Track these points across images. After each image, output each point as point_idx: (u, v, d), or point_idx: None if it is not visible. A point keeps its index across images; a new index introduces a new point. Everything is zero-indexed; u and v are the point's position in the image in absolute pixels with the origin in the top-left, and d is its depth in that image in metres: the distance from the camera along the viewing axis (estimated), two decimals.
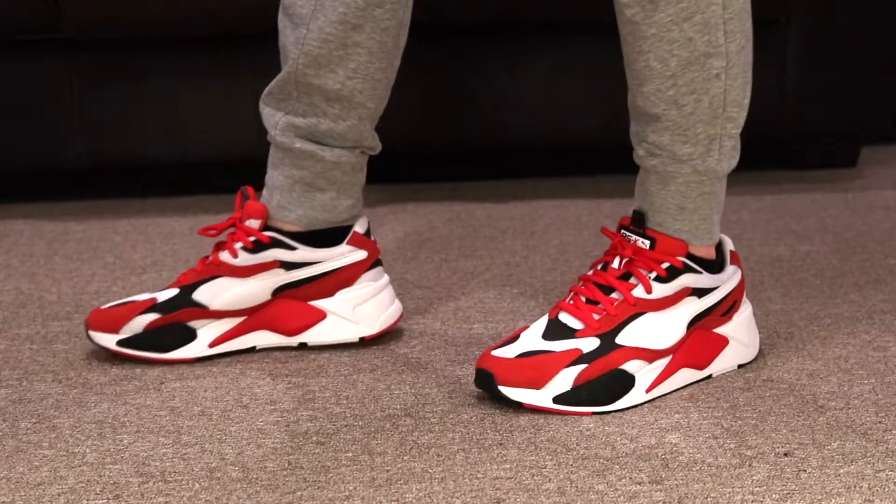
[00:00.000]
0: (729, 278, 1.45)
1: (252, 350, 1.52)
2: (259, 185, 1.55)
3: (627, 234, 1.42)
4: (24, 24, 2.11)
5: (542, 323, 1.39)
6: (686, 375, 1.41)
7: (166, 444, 1.30)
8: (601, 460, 1.25)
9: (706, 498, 1.17)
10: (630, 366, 1.37)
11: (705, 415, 1.35)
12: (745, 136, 1.46)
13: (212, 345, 1.50)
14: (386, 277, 1.56)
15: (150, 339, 1.49)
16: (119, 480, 1.22)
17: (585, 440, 1.29)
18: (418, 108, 2.21)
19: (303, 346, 1.53)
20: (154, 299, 1.50)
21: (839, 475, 1.21)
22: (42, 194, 2.23)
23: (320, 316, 1.53)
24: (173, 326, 1.49)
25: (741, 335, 1.47)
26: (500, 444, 1.29)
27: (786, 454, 1.25)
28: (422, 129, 2.24)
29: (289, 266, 1.51)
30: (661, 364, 1.39)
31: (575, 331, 1.38)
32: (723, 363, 1.45)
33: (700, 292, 1.42)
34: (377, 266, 1.55)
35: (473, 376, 1.38)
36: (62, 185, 2.26)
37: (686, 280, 1.41)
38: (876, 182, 2.26)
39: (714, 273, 1.45)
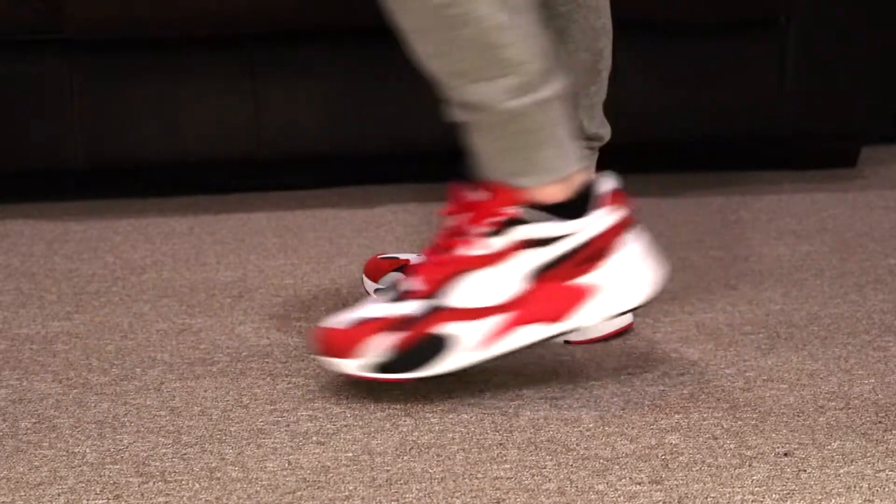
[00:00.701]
0: (590, 224, 1.36)
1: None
2: (259, 186, 1.55)
3: (465, 191, 1.38)
4: (24, 24, 2.11)
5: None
6: (533, 331, 1.36)
7: (166, 444, 1.30)
8: (601, 460, 1.25)
9: (706, 498, 1.17)
10: (446, 328, 1.35)
11: (705, 415, 1.35)
12: (746, 136, 1.45)
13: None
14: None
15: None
16: (119, 480, 1.22)
17: (585, 440, 1.29)
18: (417, 108, 2.21)
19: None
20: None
21: (839, 475, 1.21)
22: (42, 194, 2.23)
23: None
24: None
25: (615, 281, 1.36)
26: (500, 444, 1.29)
27: (786, 454, 1.25)
28: (422, 130, 2.24)
29: (540, 243, 1.37)
30: (492, 321, 1.35)
31: (407, 294, 1.36)
32: (587, 315, 1.36)
33: (542, 242, 1.36)
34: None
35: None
36: (62, 185, 2.26)
37: (520, 232, 1.35)
38: (876, 182, 2.26)
39: (568, 218, 1.36)
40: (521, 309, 1.36)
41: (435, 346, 1.36)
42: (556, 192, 1.36)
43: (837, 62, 2.26)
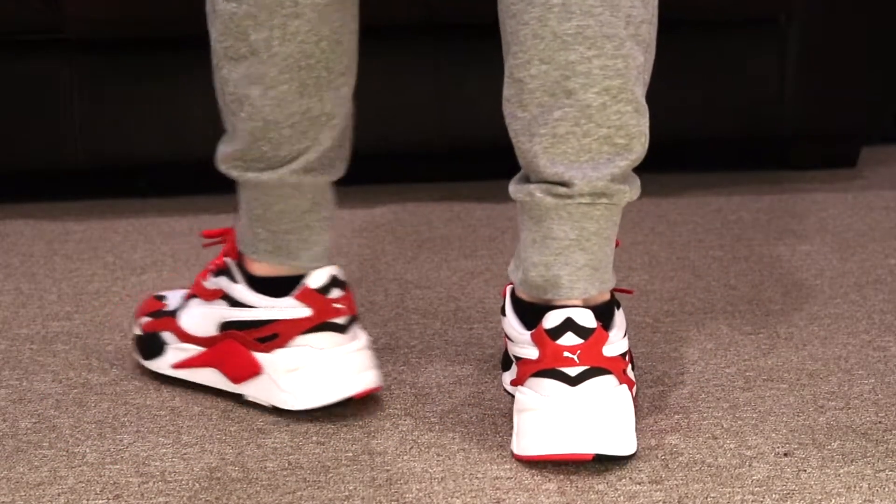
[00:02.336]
0: (274, 306, 1.34)
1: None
2: None
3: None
4: (24, 24, 2.11)
5: None
6: (215, 378, 1.39)
7: (166, 444, 1.30)
8: (601, 460, 1.24)
9: (706, 498, 1.17)
10: (165, 335, 1.44)
11: (705, 415, 1.35)
12: (746, 136, 1.45)
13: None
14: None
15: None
16: (119, 480, 1.22)
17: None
18: (418, 108, 2.21)
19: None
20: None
21: (839, 475, 1.21)
22: (42, 194, 2.23)
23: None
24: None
25: (279, 377, 1.33)
26: (500, 445, 1.29)
27: (786, 454, 1.25)
28: (422, 129, 2.24)
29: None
30: (190, 349, 1.41)
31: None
32: (256, 390, 1.36)
33: (231, 300, 1.38)
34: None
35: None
36: (62, 185, 2.26)
37: (221, 281, 1.39)
38: (876, 182, 2.26)
39: (264, 293, 1.35)
40: (212, 351, 1.40)
41: (156, 346, 1.44)
42: (259, 267, 1.37)
43: (837, 62, 2.26)
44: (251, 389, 1.37)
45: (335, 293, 1.33)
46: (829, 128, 2.32)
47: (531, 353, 1.24)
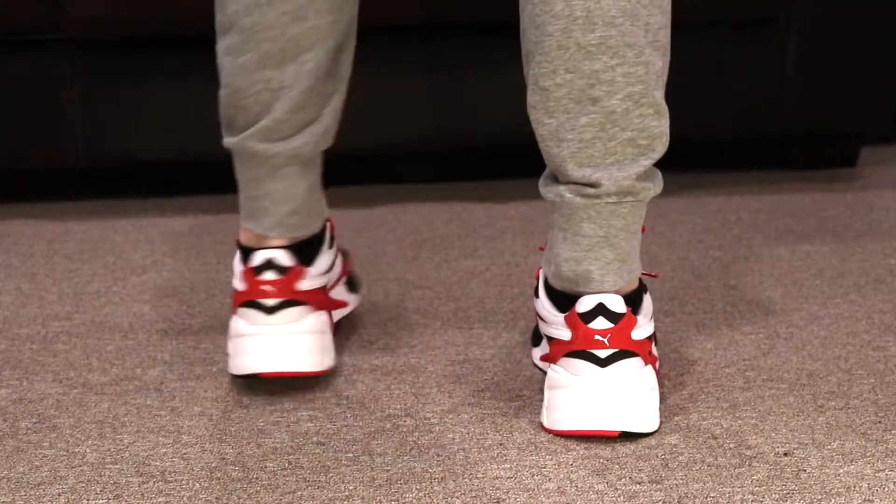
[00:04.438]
0: (235, 275, 1.45)
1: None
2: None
3: None
4: (24, 24, 2.11)
5: None
6: None
7: (166, 444, 1.30)
8: (601, 460, 1.25)
9: (706, 498, 1.17)
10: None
11: (705, 415, 1.35)
12: (746, 136, 1.46)
13: None
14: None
15: None
16: (119, 480, 1.22)
17: (585, 440, 1.29)
18: (417, 108, 2.21)
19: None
20: None
21: (839, 475, 1.21)
22: (42, 194, 2.23)
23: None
24: None
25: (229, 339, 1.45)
26: (500, 445, 1.29)
27: (786, 454, 1.25)
28: (421, 129, 2.24)
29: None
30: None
31: None
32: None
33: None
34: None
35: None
36: (62, 185, 2.26)
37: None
38: (876, 182, 2.26)
39: (241, 262, 1.45)
40: None
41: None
42: (242, 234, 1.45)
43: (837, 62, 2.26)
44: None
45: (268, 275, 1.41)
46: (829, 128, 2.32)
47: (564, 334, 1.32)
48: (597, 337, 1.30)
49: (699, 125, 2.26)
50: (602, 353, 1.30)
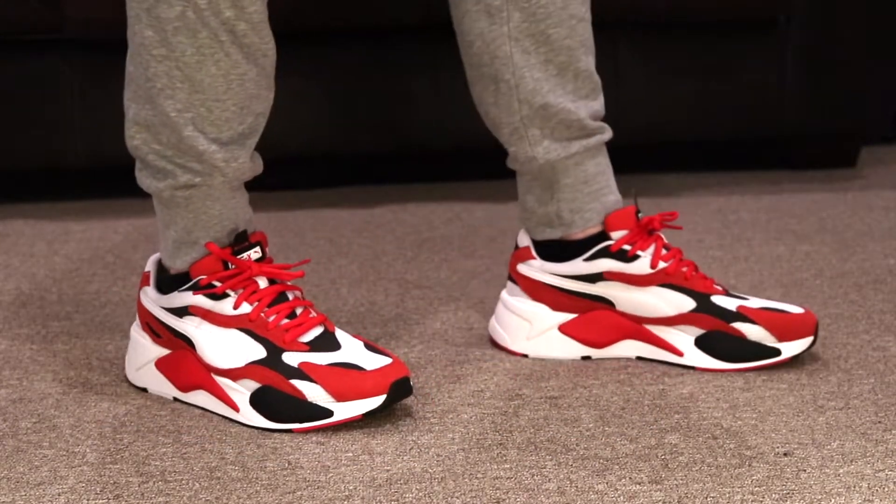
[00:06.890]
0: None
1: None
2: (259, 186, 1.54)
3: None
4: (24, 24, 2.11)
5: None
6: None
7: (166, 444, 1.30)
8: (601, 460, 1.25)
9: (706, 498, 1.17)
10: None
11: (705, 415, 1.35)
12: (746, 137, 1.45)
13: None
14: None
15: None
16: (119, 480, 1.22)
17: (585, 440, 1.29)
18: (417, 108, 2.21)
19: None
20: None
21: (839, 475, 1.21)
22: (42, 194, 2.23)
23: None
24: None
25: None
26: (500, 444, 1.29)
27: (785, 454, 1.25)
28: (421, 129, 2.24)
29: None
30: None
31: None
32: None
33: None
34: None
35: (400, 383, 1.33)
36: (62, 185, 2.26)
37: None
38: (876, 182, 2.26)
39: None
40: None
41: None
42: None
43: (837, 62, 2.26)
44: None
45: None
46: (829, 128, 2.32)
47: None
48: None
49: (699, 125, 2.26)
50: None
